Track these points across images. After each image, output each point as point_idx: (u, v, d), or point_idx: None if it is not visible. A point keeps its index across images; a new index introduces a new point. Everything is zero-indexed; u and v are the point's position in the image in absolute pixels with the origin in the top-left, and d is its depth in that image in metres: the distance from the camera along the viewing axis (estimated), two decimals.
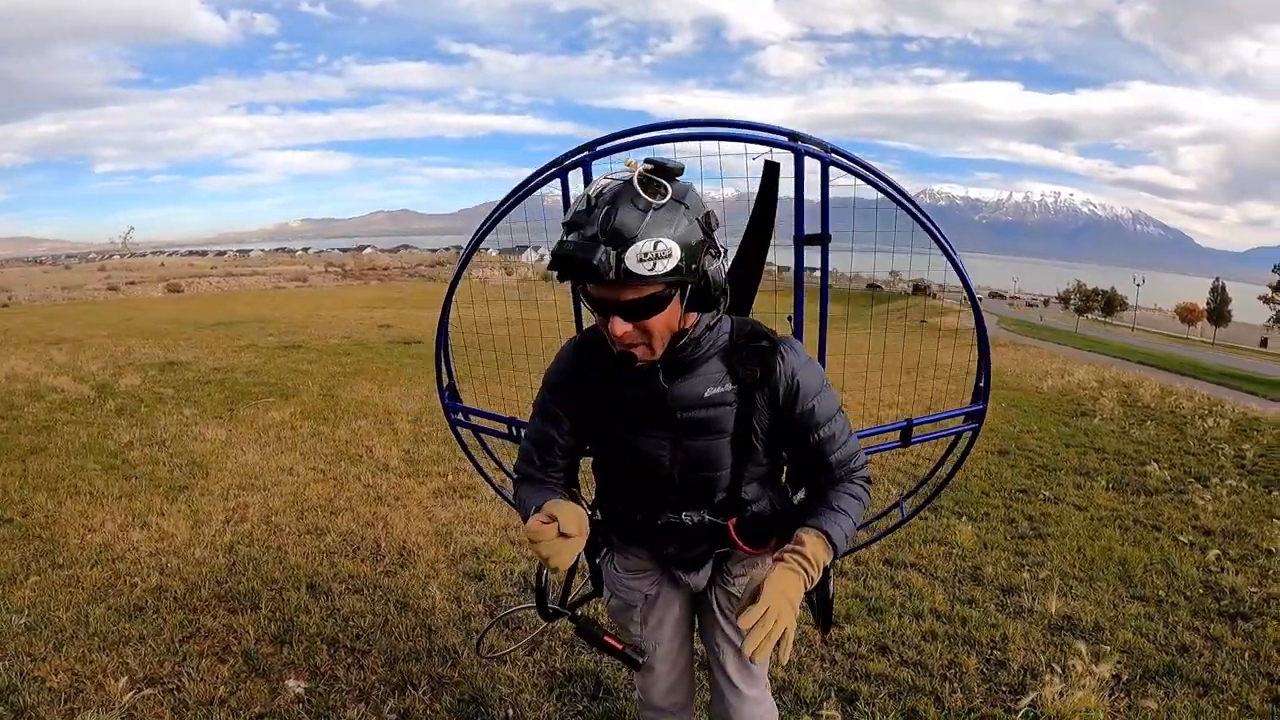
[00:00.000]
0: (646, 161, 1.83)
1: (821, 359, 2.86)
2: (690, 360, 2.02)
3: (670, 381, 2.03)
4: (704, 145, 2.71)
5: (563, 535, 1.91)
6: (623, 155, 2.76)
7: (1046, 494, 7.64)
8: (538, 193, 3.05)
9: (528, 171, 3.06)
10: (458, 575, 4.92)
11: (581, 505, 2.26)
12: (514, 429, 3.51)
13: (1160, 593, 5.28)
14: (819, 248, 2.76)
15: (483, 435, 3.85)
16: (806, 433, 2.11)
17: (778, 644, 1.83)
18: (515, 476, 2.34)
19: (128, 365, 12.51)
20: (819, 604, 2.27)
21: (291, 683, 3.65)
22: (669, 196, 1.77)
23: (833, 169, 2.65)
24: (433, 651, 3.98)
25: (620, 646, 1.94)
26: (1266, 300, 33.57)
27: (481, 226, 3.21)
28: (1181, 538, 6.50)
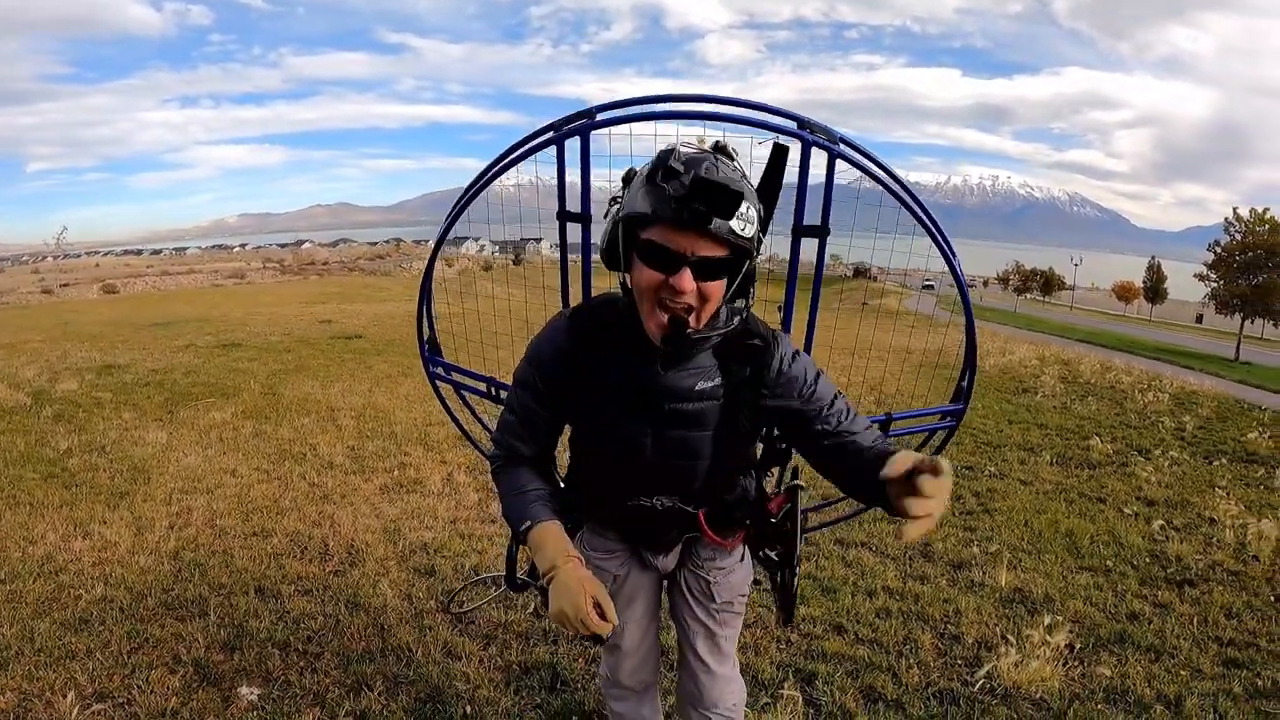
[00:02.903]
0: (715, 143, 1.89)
1: (807, 348, 2.86)
2: (685, 353, 2.01)
3: (664, 371, 2.01)
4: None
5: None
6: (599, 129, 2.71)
7: (992, 470, 7.77)
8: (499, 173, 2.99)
9: (467, 161, 3.00)
10: (408, 572, 4.87)
11: (556, 480, 2.32)
12: (493, 388, 3.44)
13: (1108, 563, 5.39)
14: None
15: (464, 392, 3.77)
16: (817, 419, 2.07)
17: None
18: (496, 454, 2.26)
19: (64, 370, 12.22)
20: (782, 596, 2.30)
21: (244, 690, 3.56)
22: (744, 176, 1.84)
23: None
24: (386, 651, 3.92)
25: None
26: (1201, 278, 34.32)
27: (469, 190, 3.10)
28: (1126, 509, 6.65)
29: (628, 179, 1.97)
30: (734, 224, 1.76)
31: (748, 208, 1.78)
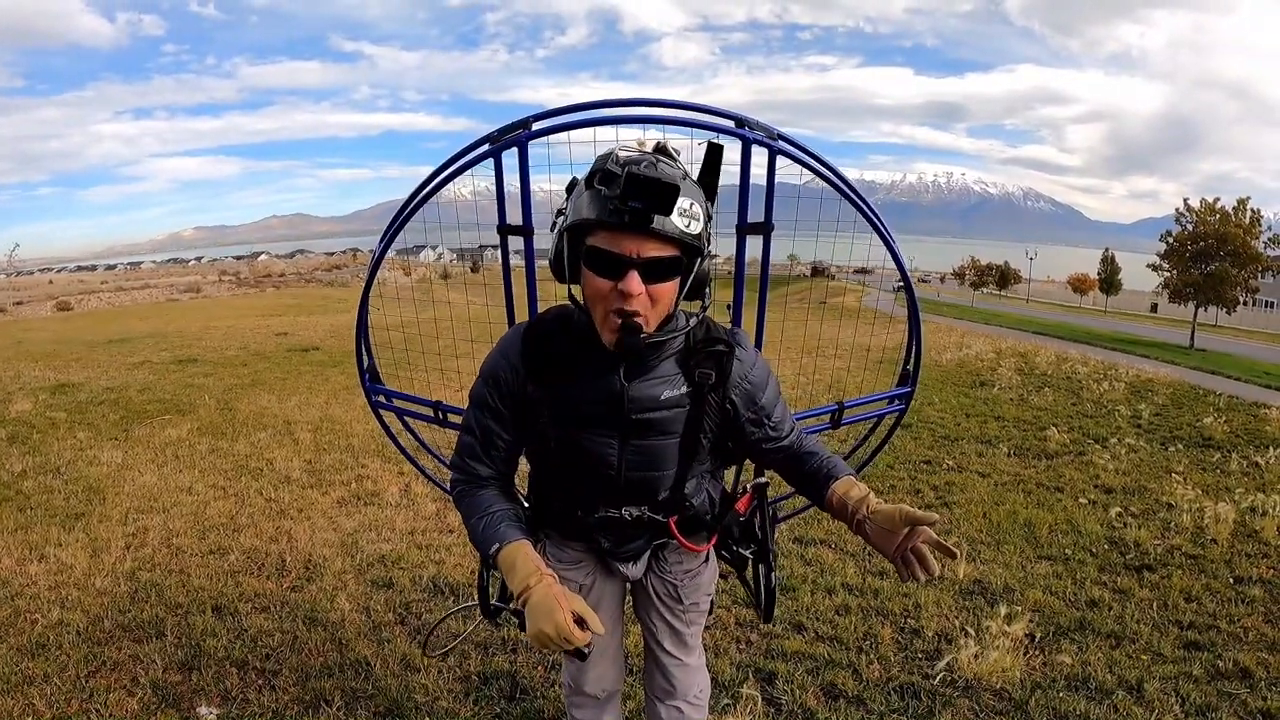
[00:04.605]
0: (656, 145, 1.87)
1: (757, 345, 2.89)
2: (649, 362, 2.00)
3: (629, 381, 2.00)
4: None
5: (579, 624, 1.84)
6: (544, 136, 2.68)
7: (950, 463, 7.84)
8: (432, 191, 2.94)
9: (423, 169, 2.92)
10: (366, 585, 4.83)
11: (519, 498, 2.27)
12: (440, 412, 3.36)
13: (1067, 551, 5.45)
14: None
15: (406, 418, 3.71)
16: (759, 426, 2.16)
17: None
18: (456, 478, 2.21)
19: (17, 390, 12.01)
20: (765, 594, 2.39)
21: (203, 710, 3.53)
22: (685, 175, 1.83)
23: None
24: (344, 666, 3.89)
25: None
26: (1154, 268, 34.86)
27: (407, 207, 2.99)
28: (1084, 497, 6.73)
29: (570, 188, 1.95)
30: (678, 221, 1.74)
31: (691, 204, 1.76)
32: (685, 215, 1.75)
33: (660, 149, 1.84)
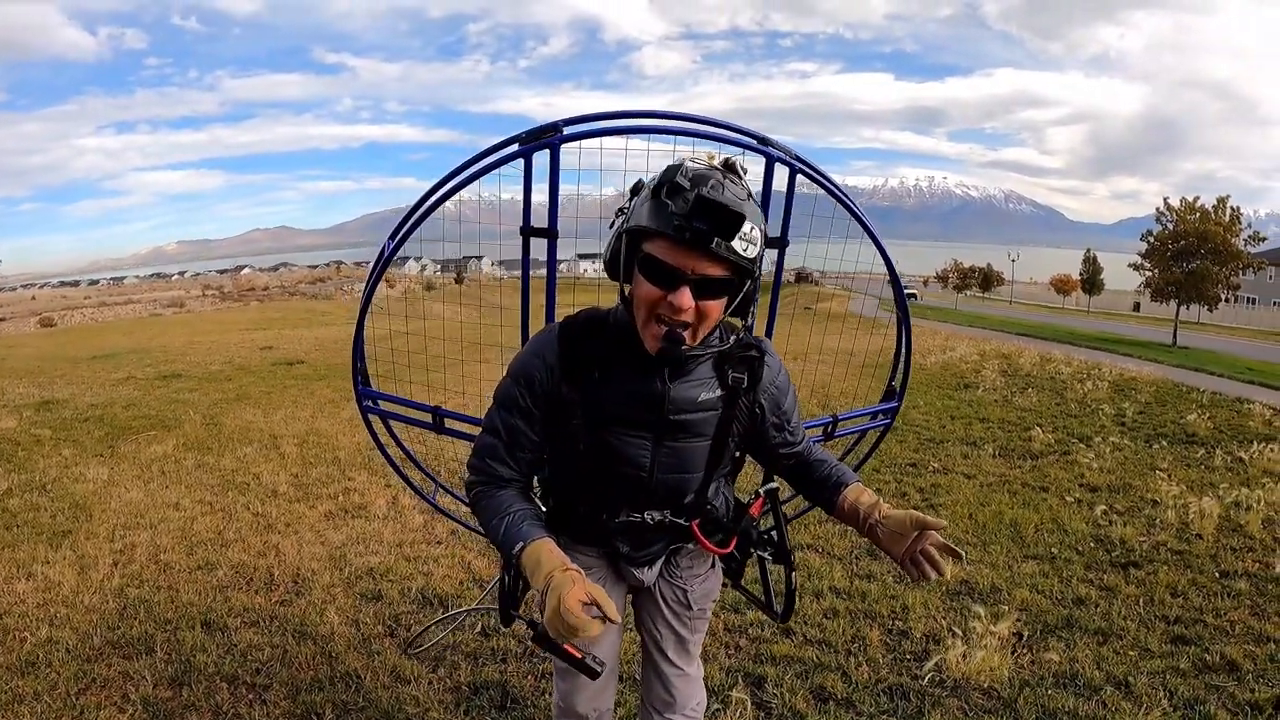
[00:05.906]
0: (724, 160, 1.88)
1: None
2: (686, 365, 2.03)
3: (671, 383, 2.02)
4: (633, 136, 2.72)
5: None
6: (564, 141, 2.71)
7: (935, 465, 7.87)
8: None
9: (406, 181, 2.96)
10: (354, 598, 4.82)
11: (538, 504, 2.27)
12: (439, 418, 3.33)
13: (1053, 550, 5.48)
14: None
15: (391, 422, 3.74)
16: (780, 431, 2.23)
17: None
18: (474, 480, 2.18)
19: (1, 407, 11.93)
20: (786, 594, 2.38)
21: None
22: (750, 196, 1.85)
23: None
24: (335, 679, 3.88)
25: (580, 655, 1.84)
26: (1135, 268, 35.08)
27: (422, 206, 2.98)
28: (1069, 496, 6.77)
29: (635, 190, 1.98)
30: (736, 244, 1.76)
31: (751, 228, 1.78)
32: (744, 239, 1.77)
33: (729, 166, 1.85)
